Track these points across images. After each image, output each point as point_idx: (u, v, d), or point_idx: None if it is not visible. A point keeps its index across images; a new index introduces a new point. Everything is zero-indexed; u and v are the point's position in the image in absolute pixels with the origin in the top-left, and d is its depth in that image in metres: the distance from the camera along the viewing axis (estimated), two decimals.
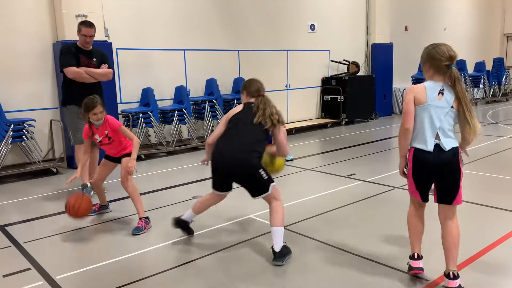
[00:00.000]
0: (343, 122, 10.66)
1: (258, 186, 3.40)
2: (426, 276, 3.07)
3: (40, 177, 6.35)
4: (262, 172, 3.39)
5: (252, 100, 3.58)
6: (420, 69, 11.81)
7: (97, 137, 4.26)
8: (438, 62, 2.80)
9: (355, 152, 7.48)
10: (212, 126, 8.67)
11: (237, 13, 9.28)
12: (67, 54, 5.18)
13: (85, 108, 4.16)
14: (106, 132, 4.21)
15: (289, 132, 8.96)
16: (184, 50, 8.56)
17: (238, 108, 3.61)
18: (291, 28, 10.28)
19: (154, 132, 7.86)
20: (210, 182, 3.63)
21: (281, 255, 3.35)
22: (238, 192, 5.25)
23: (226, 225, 4.21)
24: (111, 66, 5.44)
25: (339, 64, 11.23)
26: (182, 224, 3.86)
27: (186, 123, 8.10)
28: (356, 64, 11.26)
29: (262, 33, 9.74)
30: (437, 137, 2.79)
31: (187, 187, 5.68)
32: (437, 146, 2.79)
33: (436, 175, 2.83)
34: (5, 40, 6.52)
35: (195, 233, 4.00)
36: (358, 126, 10.46)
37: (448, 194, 2.84)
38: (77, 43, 5.31)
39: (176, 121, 7.91)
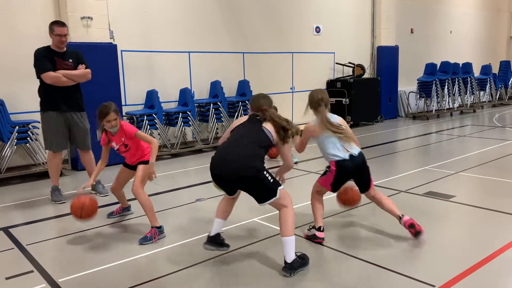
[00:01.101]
0: (348, 125, 10.58)
1: (265, 190, 3.18)
2: (431, 282, 3.03)
3: (44, 179, 6.35)
4: (267, 175, 3.16)
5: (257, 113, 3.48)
6: (426, 72, 11.81)
7: (114, 145, 4.12)
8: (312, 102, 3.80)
9: None
10: (217, 129, 8.65)
11: (242, 16, 9.27)
12: (42, 59, 5.01)
13: (99, 115, 3.96)
14: (123, 139, 4.07)
15: None
16: (189, 52, 8.56)
17: (243, 118, 3.53)
18: (296, 31, 10.26)
19: (159, 134, 7.86)
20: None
21: (291, 267, 3.18)
22: (244, 195, 5.24)
23: (230, 229, 4.18)
24: (88, 66, 5.29)
25: (344, 66, 11.20)
26: (217, 240, 3.52)
27: (191, 126, 8.09)
28: (361, 67, 11.22)
29: (267, 36, 9.72)
30: (344, 149, 3.70)
31: (191, 190, 5.66)
32: (350, 155, 3.69)
33: (356, 174, 3.82)
34: (10, 41, 6.54)
35: (197, 237, 3.98)
36: (363, 129, 10.40)
37: (367, 185, 3.89)
38: (51, 45, 5.15)
39: (181, 123, 7.91)
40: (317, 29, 10.68)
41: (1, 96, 6.40)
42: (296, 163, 6.91)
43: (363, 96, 10.75)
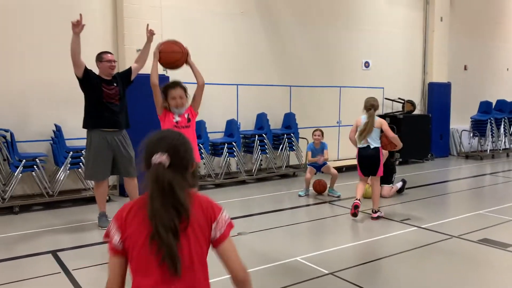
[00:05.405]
0: (397, 162, 10.27)
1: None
2: None
3: (93, 203, 6.53)
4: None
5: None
6: (480, 111, 11.47)
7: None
8: (365, 106, 5.56)
9: (410, 195, 7.13)
10: (261, 160, 8.65)
11: (290, 50, 9.37)
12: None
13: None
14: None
15: (340, 169, 8.76)
16: (237, 84, 8.71)
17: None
18: (345, 65, 10.22)
19: (204, 163, 7.95)
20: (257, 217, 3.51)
21: None
22: (286, 231, 5.13)
23: (270, 267, 4.08)
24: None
25: (393, 102, 10.99)
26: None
27: (235, 156, 8.14)
28: (411, 103, 10.96)
29: (314, 70, 9.75)
30: (366, 141, 5.45)
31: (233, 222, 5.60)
32: (367, 145, 5.41)
33: (366, 160, 5.46)
34: (67, 72, 6.85)
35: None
36: (412, 166, 10.06)
37: (373, 172, 5.54)
38: (99, 73, 5.37)
39: (226, 154, 7.97)
40: (366, 64, 10.59)
41: (59, 122, 6.72)
42: (338, 197, 6.84)
43: (413, 132, 10.42)
